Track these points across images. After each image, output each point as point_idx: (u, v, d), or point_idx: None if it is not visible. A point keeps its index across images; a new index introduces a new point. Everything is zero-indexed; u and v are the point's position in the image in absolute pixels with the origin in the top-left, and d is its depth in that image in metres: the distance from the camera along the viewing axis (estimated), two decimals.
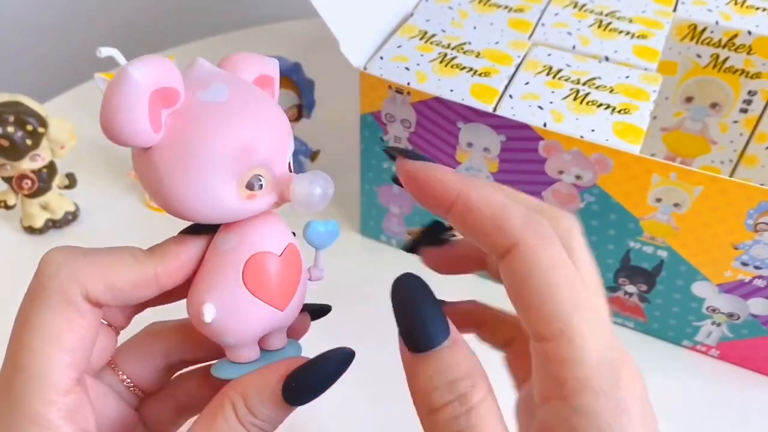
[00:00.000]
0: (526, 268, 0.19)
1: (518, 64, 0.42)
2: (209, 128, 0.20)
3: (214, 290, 0.22)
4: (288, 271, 0.23)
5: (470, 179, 0.21)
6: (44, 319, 0.21)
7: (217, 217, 0.22)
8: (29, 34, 0.74)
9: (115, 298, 0.22)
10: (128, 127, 0.19)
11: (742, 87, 0.48)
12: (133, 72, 0.19)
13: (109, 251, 0.22)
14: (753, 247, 0.37)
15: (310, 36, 0.69)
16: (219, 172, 0.20)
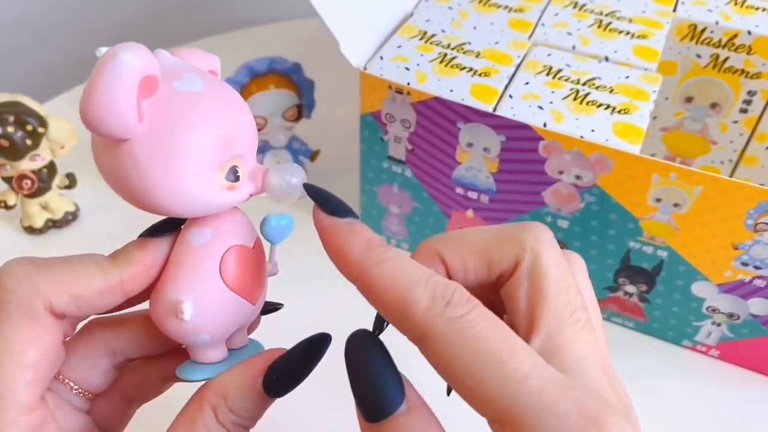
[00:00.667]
0: (441, 358, 0.18)
1: (518, 64, 0.42)
2: (190, 118, 0.20)
3: (190, 287, 0.21)
4: (259, 264, 0.23)
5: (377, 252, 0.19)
6: (6, 336, 0.20)
7: (197, 209, 0.21)
8: (29, 34, 0.74)
9: (80, 309, 0.21)
10: (113, 115, 0.18)
11: (742, 87, 0.48)
12: (125, 56, 0.18)
13: (71, 260, 0.21)
14: (753, 247, 0.37)
15: (310, 36, 0.69)
16: (201, 162, 0.20)
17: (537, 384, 0.17)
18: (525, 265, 0.21)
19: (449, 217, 0.46)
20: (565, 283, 0.20)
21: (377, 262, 0.19)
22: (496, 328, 0.18)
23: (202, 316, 0.21)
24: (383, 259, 0.19)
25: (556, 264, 0.21)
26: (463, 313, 0.18)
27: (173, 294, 0.21)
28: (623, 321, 0.46)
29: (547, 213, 0.42)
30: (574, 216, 0.41)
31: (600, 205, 0.40)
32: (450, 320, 0.18)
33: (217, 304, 0.22)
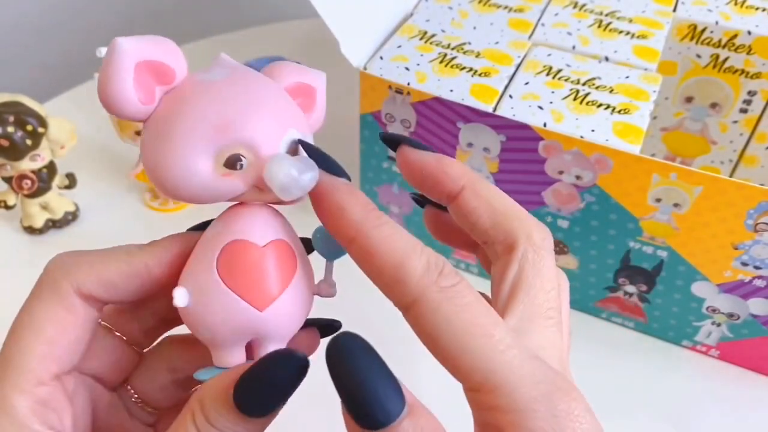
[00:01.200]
0: (430, 325, 0.18)
1: (518, 64, 0.42)
2: (191, 101, 0.20)
3: (189, 275, 0.21)
4: (272, 267, 0.21)
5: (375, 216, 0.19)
6: (32, 312, 0.21)
7: (191, 191, 0.21)
8: (29, 34, 0.74)
9: (108, 291, 0.22)
10: (114, 94, 0.20)
11: (742, 87, 0.48)
12: (120, 41, 0.19)
13: (105, 249, 0.22)
14: (753, 247, 0.37)
15: (310, 36, 0.69)
16: (194, 143, 0.20)
17: (517, 354, 0.18)
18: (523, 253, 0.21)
19: None
20: (550, 285, 0.21)
21: (376, 225, 0.19)
22: (481, 301, 0.19)
23: (196, 308, 0.21)
24: (381, 223, 0.19)
25: (549, 268, 0.22)
26: (454, 284, 0.19)
27: (178, 281, 0.22)
28: (623, 321, 0.46)
29: (547, 213, 0.42)
30: (574, 216, 0.41)
31: (600, 205, 0.40)
32: (442, 289, 0.19)
33: (210, 297, 0.21)
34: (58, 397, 0.21)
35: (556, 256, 0.44)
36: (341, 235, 0.20)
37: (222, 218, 0.22)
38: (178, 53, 0.21)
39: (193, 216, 0.54)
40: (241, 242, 0.21)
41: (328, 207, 0.20)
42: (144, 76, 0.20)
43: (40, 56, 0.76)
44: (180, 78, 0.21)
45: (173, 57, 0.21)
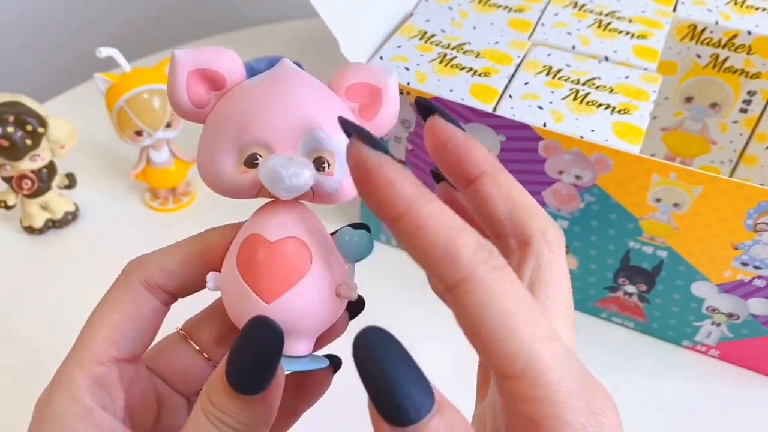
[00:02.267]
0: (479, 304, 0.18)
1: (518, 64, 0.42)
2: (226, 103, 0.23)
3: (223, 265, 0.23)
4: (281, 262, 0.22)
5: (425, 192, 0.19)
6: (105, 301, 0.24)
7: (218, 186, 0.23)
8: (29, 34, 0.74)
9: (171, 279, 0.24)
10: (172, 99, 0.23)
11: (741, 87, 0.48)
12: (176, 52, 0.22)
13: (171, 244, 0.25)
14: (753, 247, 0.37)
15: (310, 36, 0.69)
16: (222, 142, 0.22)
17: (560, 346, 0.18)
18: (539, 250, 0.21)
19: None
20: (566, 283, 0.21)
21: (427, 201, 0.19)
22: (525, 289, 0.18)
23: (224, 295, 0.23)
24: (432, 200, 0.19)
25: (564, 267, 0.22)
26: (503, 266, 0.18)
27: None
28: (623, 321, 0.46)
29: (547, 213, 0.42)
30: (574, 216, 0.41)
31: (600, 205, 0.40)
32: (493, 269, 0.18)
33: (229, 286, 0.22)
34: (112, 379, 0.23)
35: None
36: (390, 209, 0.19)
37: (254, 213, 0.23)
38: (231, 61, 0.23)
39: (193, 216, 0.54)
40: (256, 237, 0.22)
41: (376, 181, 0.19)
42: (197, 83, 0.23)
43: (40, 56, 0.76)
44: (232, 83, 0.23)
45: (225, 65, 0.23)
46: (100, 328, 0.23)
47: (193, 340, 0.27)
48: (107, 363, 0.23)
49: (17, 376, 0.41)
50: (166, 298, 0.25)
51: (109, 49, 0.46)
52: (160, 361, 0.26)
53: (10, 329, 0.44)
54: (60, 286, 0.47)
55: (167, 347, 0.26)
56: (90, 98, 0.60)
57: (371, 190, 0.19)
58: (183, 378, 0.26)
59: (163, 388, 0.26)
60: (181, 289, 0.25)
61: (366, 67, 0.24)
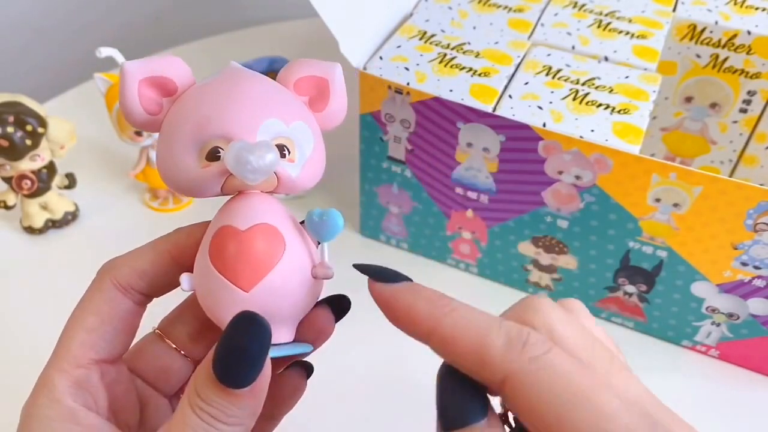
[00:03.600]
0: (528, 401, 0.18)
1: (518, 64, 0.42)
2: (180, 105, 0.23)
3: (195, 263, 0.23)
4: (253, 249, 0.22)
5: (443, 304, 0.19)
6: (81, 304, 0.24)
7: (182, 184, 0.23)
8: (30, 34, 0.74)
9: (142, 279, 0.24)
10: (126, 109, 0.23)
11: (741, 87, 0.48)
12: (125, 64, 0.23)
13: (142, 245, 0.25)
14: (752, 247, 0.37)
15: (310, 36, 0.69)
16: (181, 141, 0.22)
17: (627, 421, 0.17)
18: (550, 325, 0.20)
19: (449, 217, 0.46)
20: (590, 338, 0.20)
21: (446, 313, 0.19)
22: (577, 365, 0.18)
23: (198, 292, 0.23)
24: (451, 309, 0.19)
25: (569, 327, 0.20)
26: (544, 352, 0.18)
27: None
28: (623, 321, 0.46)
29: (546, 213, 0.42)
30: (574, 216, 0.41)
31: (600, 205, 0.40)
32: (531, 360, 0.18)
33: (204, 281, 0.23)
34: (93, 381, 0.24)
35: (556, 256, 0.44)
36: (417, 333, 0.20)
37: (221, 209, 0.24)
38: (179, 67, 0.23)
39: (192, 216, 0.54)
40: (226, 227, 0.23)
41: (397, 313, 0.20)
42: (148, 91, 0.23)
43: (40, 56, 0.76)
44: (182, 88, 0.24)
45: (174, 71, 0.23)
46: (78, 332, 0.24)
47: (170, 338, 0.27)
48: (87, 365, 0.23)
49: (17, 376, 0.41)
50: (140, 299, 0.25)
51: (109, 49, 0.46)
52: (139, 362, 0.26)
53: (10, 329, 0.44)
54: (60, 286, 0.47)
55: (145, 347, 0.27)
56: (90, 98, 0.60)
57: (397, 321, 0.20)
58: (163, 377, 0.27)
59: (145, 389, 0.26)
60: (153, 289, 0.25)
61: (311, 61, 0.25)
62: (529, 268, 0.46)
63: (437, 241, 0.48)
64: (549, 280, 0.46)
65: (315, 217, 0.23)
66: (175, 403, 0.27)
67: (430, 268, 0.49)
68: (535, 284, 0.47)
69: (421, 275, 0.45)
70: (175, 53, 0.61)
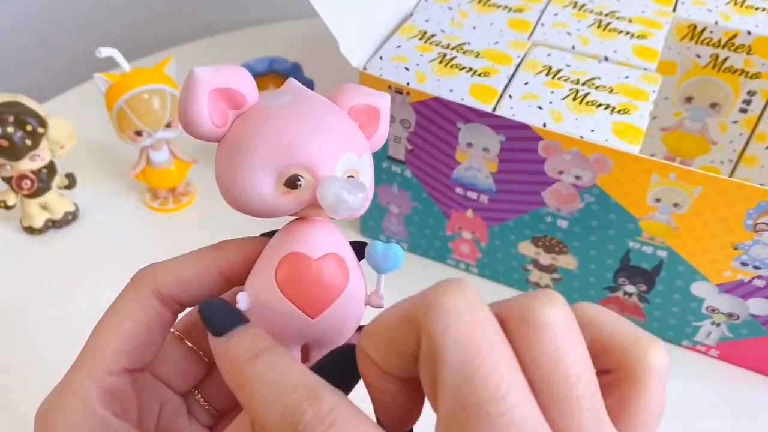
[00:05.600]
0: None
1: (518, 64, 0.42)
2: (259, 126, 0.22)
3: (252, 281, 0.23)
4: (324, 278, 0.23)
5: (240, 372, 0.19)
6: (116, 309, 0.23)
7: (254, 207, 0.23)
8: (29, 34, 0.74)
9: (184, 290, 0.24)
10: (192, 119, 0.22)
11: (741, 87, 0.48)
12: (196, 71, 0.22)
13: (183, 254, 0.24)
14: (752, 247, 0.37)
15: (310, 36, 0.69)
16: (260, 165, 0.22)
17: None
18: (422, 351, 0.17)
19: (449, 218, 0.46)
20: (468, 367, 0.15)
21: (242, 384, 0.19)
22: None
23: (257, 313, 0.23)
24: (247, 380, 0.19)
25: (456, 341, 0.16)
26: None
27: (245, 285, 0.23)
28: None
29: (546, 213, 0.42)
30: (574, 216, 0.41)
31: (599, 205, 0.40)
32: None
33: (268, 304, 0.23)
34: (125, 389, 0.23)
35: (556, 256, 0.44)
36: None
37: (284, 231, 0.24)
38: (249, 80, 0.23)
39: (192, 216, 0.54)
40: (298, 255, 0.23)
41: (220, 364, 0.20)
42: (217, 102, 0.22)
43: (40, 56, 0.76)
44: (250, 103, 0.23)
45: (244, 84, 0.23)
46: (111, 339, 0.23)
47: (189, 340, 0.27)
48: (119, 374, 0.23)
49: (17, 376, 0.41)
50: (178, 309, 0.25)
51: (109, 49, 0.46)
52: (159, 363, 0.26)
53: (10, 329, 0.44)
54: (60, 286, 0.47)
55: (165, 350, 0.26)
56: (90, 98, 0.60)
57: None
58: (182, 378, 0.26)
59: (164, 390, 0.26)
60: (193, 301, 0.24)
61: (362, 88, 0.25)
62: (529, 268, 0.46)
63: (437, 241, 0.48)
64: (549, 280, 0.46)
65: (379, 251, 0.24)
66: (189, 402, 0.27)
67: (430, 268, 0.49)
68: (535, 284, 0.47)
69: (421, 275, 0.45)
70: (175, 53, 0.61)
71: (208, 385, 0.27)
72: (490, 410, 0.15)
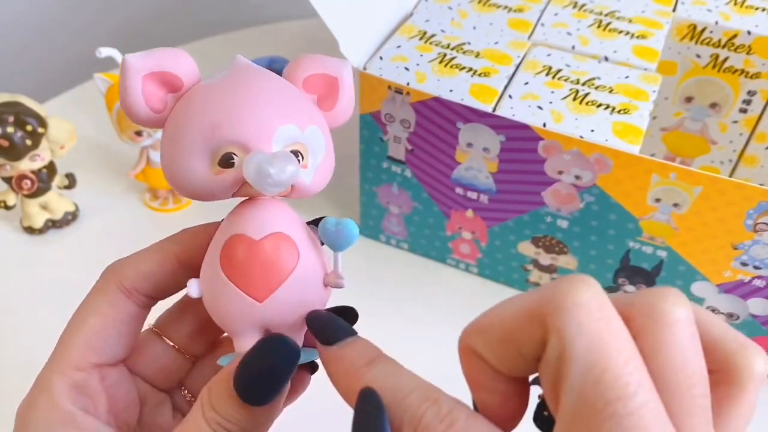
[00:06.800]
0: None
1: (518, 64, 0.42)
2: (188, 105, 0.22)
3: (203, 268, 0.23)
4: (269, 259, 0.22)
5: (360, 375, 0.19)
6: (83, 306, 0.24)
7: (192, 189, 0.22)
8: (29, 34, 0.74)
9: (147, 281, 0.24)
10: (128, 106, 0.22)
11: (741, 87, 0.48)
12: (127, 58, 0.22)
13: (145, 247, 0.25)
14: (752, 247, 0.37)
15: (310, 36, 0.69)
16: (191, 146, 0.21)
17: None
18: (549, 350, 0.16)
19: (449, 217, 0.46)
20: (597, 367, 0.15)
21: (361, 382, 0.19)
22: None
23: (207, 299, 0.23)
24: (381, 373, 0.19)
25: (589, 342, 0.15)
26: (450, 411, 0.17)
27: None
28: None
29: (546, 213, 0.42)
30: (574, 216, 0.41)
31: (599, 205, 0.40)
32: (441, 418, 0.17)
33: (215, 289, 0.22)
34: (93, 384, 0.23)
35: (556, 256, 0.44)
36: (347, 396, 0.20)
37: (231, 213, 0.23)
38: (185, 61, 0.22)
39: (192, 216, 0.54)
40: (239, 236, 0.22)
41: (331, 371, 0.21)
42: (152, 87, 0.22)
43: (40, 56, 0.76)
44: (188, 84, 0.22)
45: (179, 66, 0.22)
46: (79, 335, 0.23)
47: (168, 336, 0.27)
48: (87, 369, 0.23)
49: (17, 376, 0.41)
50: (144, 302, 0.25)
51: (109, 49, 0.46)
52: (137, 360, 0.26)
53: (10, 329, 0.44)
54: (60, 286, 0.47)
55: (142, 345, 0.26)
56: (90, 98, 0.60)
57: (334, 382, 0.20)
58: (162, 374, 0.26)
59: (143, 386, 0.26)
60: (158, 292, 0.25)
61: (321, 58, 0.24)
62: (529, 268, 0.46)
63: (437, 241, 0.48)
64: (549, 280, 0.46)
65: (330, 227, 0.22)
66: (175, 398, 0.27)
67: (430, 268, 0.49)
68: (535, 284, 0.47)
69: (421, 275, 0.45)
70: None
71: (194, 381, 0.27)
72: (617, 409, 0.15)
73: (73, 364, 0.23)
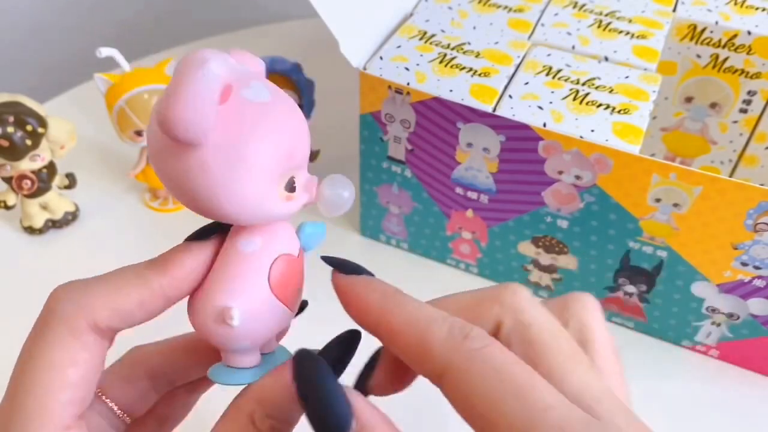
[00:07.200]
0: (463, 391, 0.18)
1: (518, 64, 0.42)
2: (261, 129, 0.19)
3: (239, 293, 0.21)
4: (302, 273, 0.23)
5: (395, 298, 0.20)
6: (48, 355, 0.20)
7: (257, 217, 0.21)
8: (29, 34, 0.74)
9: (124, 321, 0.21)
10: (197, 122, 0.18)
11: (741, 87, 0.48)
12: (213, 65, 0.18)
13: (111, 274, 0.21)
14: (753, 247, 0.37)
15: (310, 36, 0.69)
16: (266, 172, 0.20)
17: (558, 415, 0.17)
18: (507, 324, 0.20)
19: (449, 218, 0.46)
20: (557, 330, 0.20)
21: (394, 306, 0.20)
22: (516, 361, 0.18)
23: (248, 323, 0.21)
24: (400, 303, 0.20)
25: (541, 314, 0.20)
26: (483, 346, 0.18)
27: (221, 300, 0.21)
28: (623, 321, 0.46)
29: (546, 213, 0.42)
30: (574, 216, 0.41)
31: (600, 205, 0.40)
32: (470, 352, 0.18)
33: (264, 311, 0.22)
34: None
35: (556, 256, 0.44)
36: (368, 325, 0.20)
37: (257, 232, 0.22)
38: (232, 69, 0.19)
39: (193, 216, 0.54)
40: (287, 257, 0.22)
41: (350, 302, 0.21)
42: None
43: (40, 56, 0.76)
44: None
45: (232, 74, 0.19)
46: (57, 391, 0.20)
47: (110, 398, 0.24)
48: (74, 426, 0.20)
49: None
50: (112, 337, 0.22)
51: (109, 49, 0.46)
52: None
53: (10, 330, 0.44)
54: None
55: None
56: (90, 98, 0.60)
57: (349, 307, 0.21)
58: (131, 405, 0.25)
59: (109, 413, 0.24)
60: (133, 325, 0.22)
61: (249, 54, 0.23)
62: (529, 268, 0.46)
63: (437, 241, 0.48)
64: (549, 280, 0.46)
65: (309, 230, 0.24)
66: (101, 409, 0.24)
67: (430, 268, 0.49)
68: (535, 284, 0.47)
69: (421, 275, 0.45)
70: (175, 53, 0.61)
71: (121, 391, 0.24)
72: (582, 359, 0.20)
73: (61, 425, 0.20)
